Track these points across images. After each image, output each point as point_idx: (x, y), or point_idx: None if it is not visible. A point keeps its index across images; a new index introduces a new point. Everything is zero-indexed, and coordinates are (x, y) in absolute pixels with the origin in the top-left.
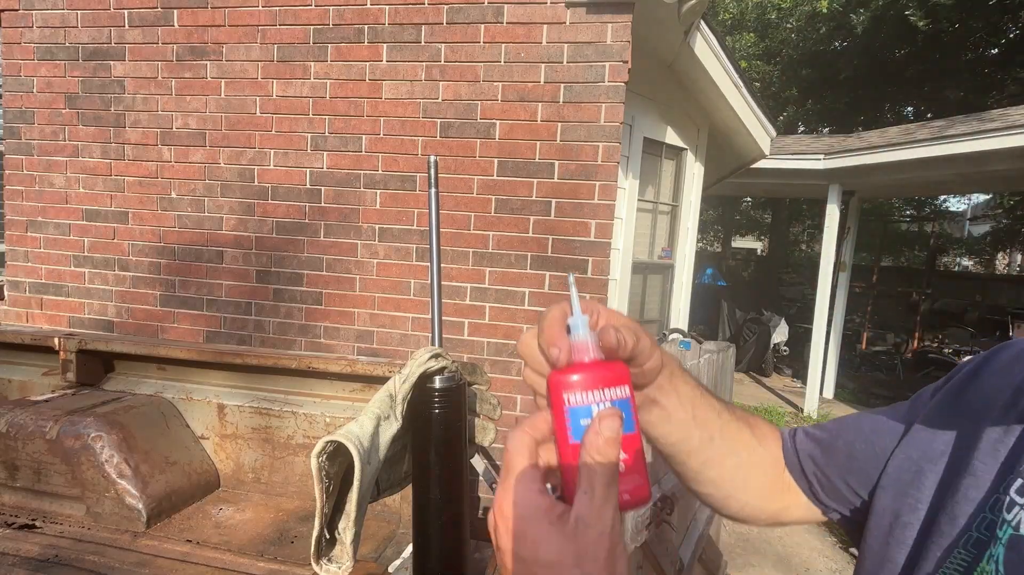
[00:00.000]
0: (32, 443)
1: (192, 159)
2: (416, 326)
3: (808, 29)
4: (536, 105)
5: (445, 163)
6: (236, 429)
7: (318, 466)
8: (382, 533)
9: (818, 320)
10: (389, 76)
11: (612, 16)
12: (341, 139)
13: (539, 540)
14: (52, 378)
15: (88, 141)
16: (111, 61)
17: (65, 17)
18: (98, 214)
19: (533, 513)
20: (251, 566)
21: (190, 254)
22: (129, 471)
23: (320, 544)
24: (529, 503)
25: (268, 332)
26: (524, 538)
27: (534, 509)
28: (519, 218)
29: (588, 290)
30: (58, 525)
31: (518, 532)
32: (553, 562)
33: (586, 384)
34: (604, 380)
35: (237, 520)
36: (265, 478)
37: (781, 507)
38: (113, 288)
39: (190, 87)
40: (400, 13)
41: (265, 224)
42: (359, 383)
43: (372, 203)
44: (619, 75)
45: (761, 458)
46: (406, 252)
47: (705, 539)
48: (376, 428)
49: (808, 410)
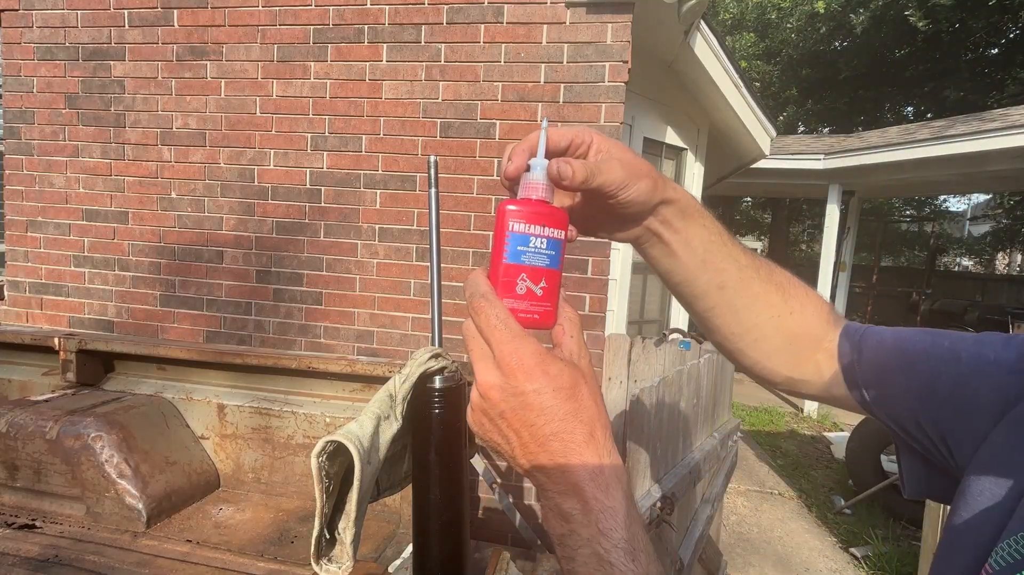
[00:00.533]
0: (32, 443)
1: (192, 159)
2: (416, 326)
3: (808, 29)
4: (536, 105)
5: (445, 163)
6: (236, 429)
7: (318, 466)
8: (382, 533)
9: None
10: (389, 76)
11: (612, 16)
12: (341, 139)
13: (558, 370)
14: (52, 378)
15: (88, 141)
16: (111, 61)
17: (65, 17)
18: (98, 214)
19: (545, 352)
20: (251, 566)
21: (190, 254)
22: (129, 471)
23: (320, 544)
24: (538, 347)
25: (268, 332)
26: (545, 371)
27: (543, 350)
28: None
29: (588, 290)
30: (58, 525)
31: (536, 369)
32: (571, 383)
33: (527, 218)
34: (544, 219)
35: (237, 520)
36: (265, 478)
37: (801, 380)
38: (113, 288)
39: (190, 87)
40: (400, 13)
41: (265, 224)
42: (359, 383)
43: (372, 203)
44: (619, 75)
45: (787, 325)
46: (406, 252)
47: (705, 539)
48: (376, 428)
49: (808, 410)
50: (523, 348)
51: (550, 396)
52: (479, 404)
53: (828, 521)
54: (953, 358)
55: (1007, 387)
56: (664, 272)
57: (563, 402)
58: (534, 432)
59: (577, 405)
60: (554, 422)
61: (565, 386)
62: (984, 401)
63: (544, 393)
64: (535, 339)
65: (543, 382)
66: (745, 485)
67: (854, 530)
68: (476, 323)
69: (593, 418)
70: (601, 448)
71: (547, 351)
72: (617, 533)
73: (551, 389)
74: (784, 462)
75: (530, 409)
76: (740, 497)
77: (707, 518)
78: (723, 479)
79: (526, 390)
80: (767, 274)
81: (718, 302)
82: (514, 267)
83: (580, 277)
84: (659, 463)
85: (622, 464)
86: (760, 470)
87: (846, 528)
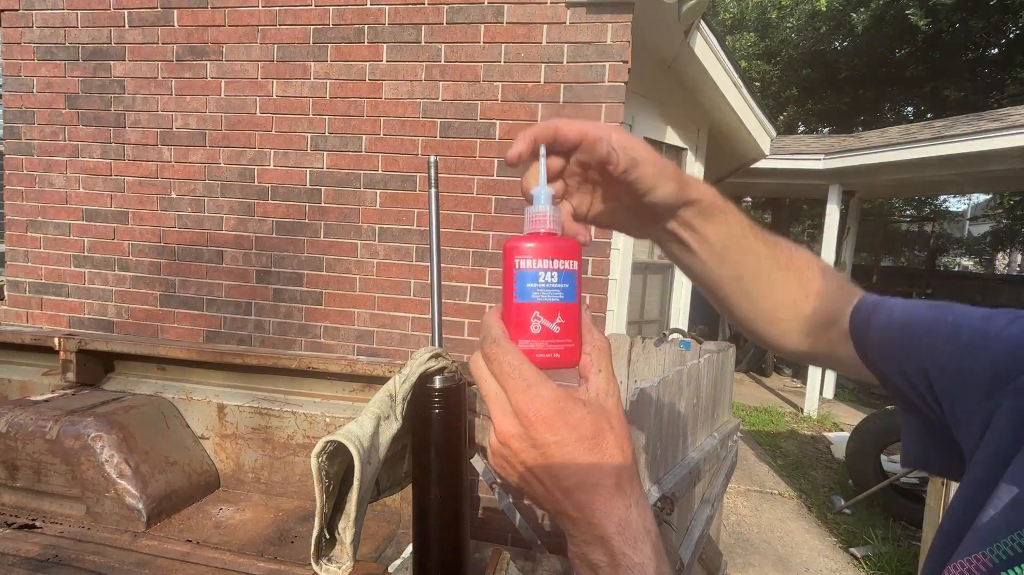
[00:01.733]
0: (32, 443)
1: (192, 159)
2: (416, 326)
3: (808, 28)
4: (536, 105)
5: (445, 163)
6: (236, 429)
7: (318, 466)
8: (382, 533)
9: None
10: (389, 76)
11: (612, 16)
12: (341, 139)
13: (580, 418)
14: (52, 378)
15: (88, 141)
16: (111, 61)
17: (65, 17)
18: (98, 214)
19: (565, 398)
20: (251, 566)
21: (190, 254)
22: (129, 471)
23: (320, 544)
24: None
25: (268, 332)
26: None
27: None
28: (519, 218)
29: (588, 290)
30: (58, 525)
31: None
32: (594, 432)
33: (534, 253)
34: (552, 251)
35: (237, 520)
36: (265, 478)
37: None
38: (113, 288)
39: (190, 87)
40: (400, 13)
41: (265, 224)
42: (359, 383)
43: (372, 203)
44: (619, 75)
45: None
46: (406, 252)
47: (705, 539)
48: (376, 428)
49: (808, 410)
50: (540, 397)
51: (572, 447)
52: (499, 451)
53: (828, 521)
54: (954, 332)
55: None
56: (683, 266)
57: (586, 453)
58: (558, 483)
59: (601, 455)
60: (578, 474)
61: (588, 435)
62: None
63: (566, 445)
64: (552, 384)
65: (564, 433)
66: (745, 485)
67: (854, 530)
68: (490, 370)
69: (619, 468)
70: (628, 498)
71: (568, 395)
72: None
73: (574, 440)
74: (784, 462)
75: (552, 460)
76: (740, 497)
77: (707, 518)
78: (723, 479)
79: (547, 442)
80: (786, 260)
81: (735, 290)
82: (526, 306)
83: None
84: (659, 463)
85: (651, 515)
86: (760, 470)
87: (846, 528)
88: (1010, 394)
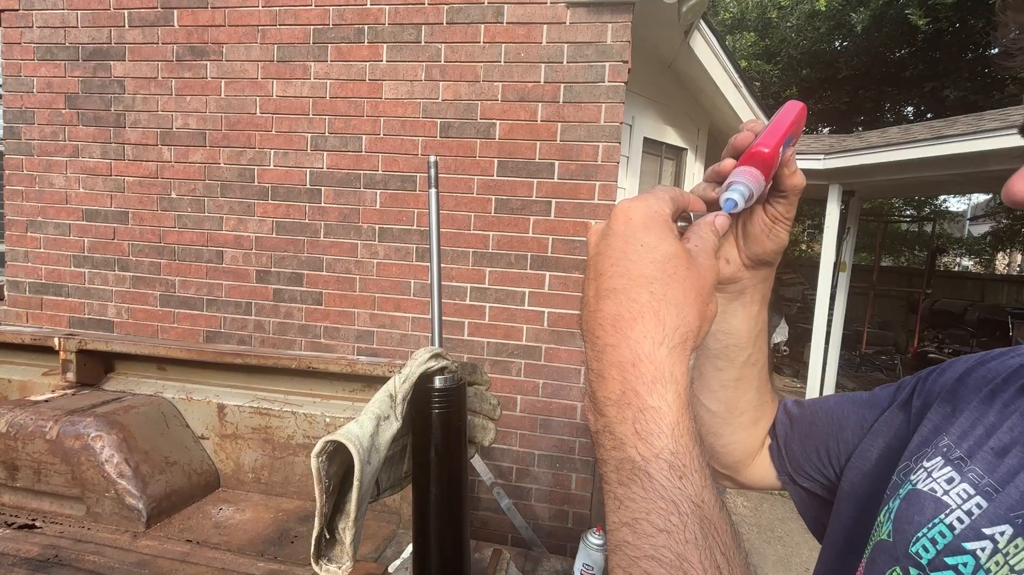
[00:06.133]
0: (32, 443)
1: (192, 159)
2: (416, 326)
3: (808, 28)
4: (536, 105)
5: (445, 163)
6: (236, 429)
7: (318, 466)
8: (382, 533)
9: (818, 320)
10: (389, 76)
11: (612, 16)
12: (341, 139)
13: (660, 236)
14: (52, 378)
15: (88, 141)
16: (111, 61)
17: (65, 17)
18: (98, 214)
19: (663, 216)
20: (251, 566)
21: (190, 254)
22: (129, 471)
23: (320, 544)
24: (659, 208)
25: (268, 332)
26: (646, 227)
27: (663, 215)
28: (519, 218)
29: None
30: (58, 525)
31: (645, 228)
32: (664, 256)
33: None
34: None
35: (237, 520)
36: (265, 478)
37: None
38: (113, 288)
39: (190, 87)
40: (400, 13)
41: (265, 224)
42: (359, 383)
43: (372, 203)
44: (619, 75)
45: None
46: (406, 252)
47: None
48: (376, 428)
49: None
50: (645, 201)
51: (634, 248)
52: (600, 227)
53: None
54: (836, 405)
55: (874, 402)
56: (724, 330)
57: (642, 263)
58: (600, 284)
59: (658, 275)
60: (620, 278)
61: (655, 250)
62: (851, 420)
63: (630, 240)
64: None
65: (639, 232)
66: None
67: None
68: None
69: (670, 301)
70: (662, 336)
71: (669, 221)
72: (660, 440)
73: (639, 244)
74: None
75: (606, 253)
76: (740, 497)
77: None
78: None
79: (614, 231)
80: (765, 379)
81: (746, 374)
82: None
83: (580, 277)
84: None
85: (687, 372)
86: None
87: None
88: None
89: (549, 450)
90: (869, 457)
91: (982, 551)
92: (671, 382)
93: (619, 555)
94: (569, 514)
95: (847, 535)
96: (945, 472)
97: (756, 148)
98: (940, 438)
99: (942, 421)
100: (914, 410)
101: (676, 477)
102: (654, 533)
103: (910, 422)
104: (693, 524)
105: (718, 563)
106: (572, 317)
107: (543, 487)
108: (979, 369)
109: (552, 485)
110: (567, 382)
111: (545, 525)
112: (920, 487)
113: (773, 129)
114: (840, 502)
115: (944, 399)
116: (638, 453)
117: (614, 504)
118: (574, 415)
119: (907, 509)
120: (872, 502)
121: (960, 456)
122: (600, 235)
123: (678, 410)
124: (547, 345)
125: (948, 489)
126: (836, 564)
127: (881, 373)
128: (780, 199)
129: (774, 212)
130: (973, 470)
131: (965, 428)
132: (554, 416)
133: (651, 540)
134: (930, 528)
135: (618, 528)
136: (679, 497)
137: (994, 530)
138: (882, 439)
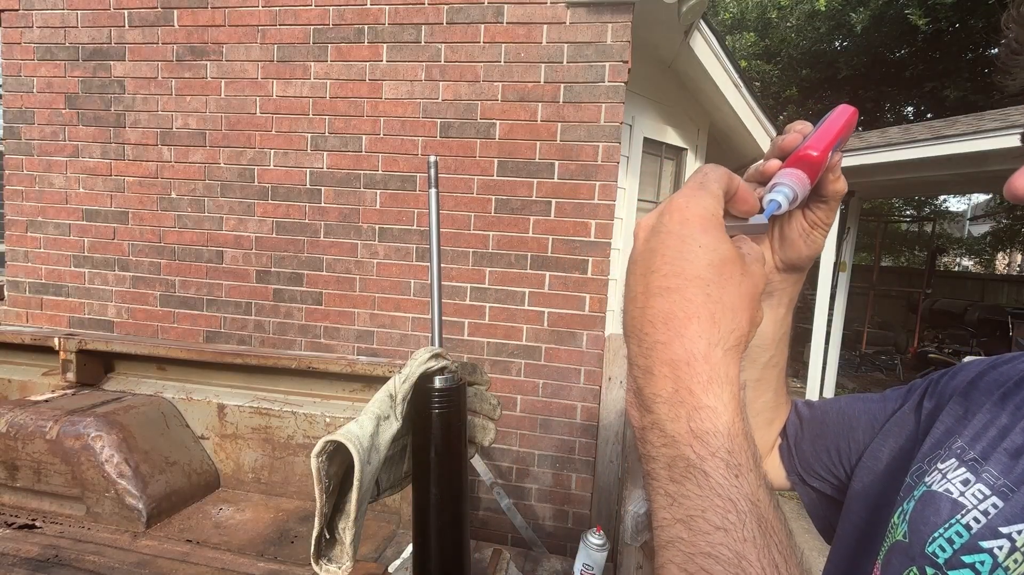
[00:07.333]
0: (32, 443)
1: (192, 159)
2: (416, 326)
3: (808, 28)
4: (536, 105)
5: (445, 163)
6: (236, 429)
7: (318, 466)
8: (382, 533)
9: (818, 320)
10: (389, 76)
11: (612, 16)
12: (341, 139)
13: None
14: (52, 378)
15: (88, 141)
16: (111, 61)
17: (65, 17)
18: (98, 214)
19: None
20: (251, 566)
21: (190, 254)
22: (129, 471)
23: (320, 544)
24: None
25: (268, 332)
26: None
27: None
28: (519, 218)
29: (588, 290)
30: (58, 525)
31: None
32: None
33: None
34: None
35: (237, 520)
36: (265, 478)
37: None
38: (113, 288)
39: (190, 87)
40: (400, 13)
41: (265, 224)
42: (359, 383)
43: (372, 203)
44: (619, 75)
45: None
46: (406, 252)
47: None
48: (376, 428)
49: None
50: (701, 200)
51: (691, 249)
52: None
53: None
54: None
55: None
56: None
57: (699, 264)
58: (651, 281)
59: (714, 277)
60: (676, 277)
61: (713, 252)
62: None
63: (687, 240)
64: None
65: (696, 233)
66: None
67: None
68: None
69: (725, 305)
70: (717, 337)
71: (723, 222)
72: (716, 439)
73: (697, 245)
74: None
75: (660, 250)
76: None
77: None
78: None
79: (668, 230)
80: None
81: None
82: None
83: (580, 277)
84: None
85: (738, 376)
86: None
87: None
88: None
89: (549, 450)
90: (880, 458)
91: (999, 550)
92: (726, 382)
93: (672, 551)
94: (569, 514)
95: (858, 536)
96: (960, 473)
97: (805, 151)
98: (953, 440)
99: (955, 423)
100: (925, 412)
101: (732, 475)
102: (711, 530)
103: (921, 424)
104: (751, 522)
105: (776, 562)
106: (572, 317)
107: (543, 487)
108: (991, 372)
109: (552, 485)
110: (567, 382)
111: (545, 525)
112: (935, 488)
113: (823, 133)
114: (851, 502)
115: (956, 402)
116: (693, 451)
117: (665, 501)
118: (574, 415)
119: (923, 510)
120: (884, 503)
121: (974, 458)
122: (651, 231)
123: (733, 410)
124: (547, 345)
125: (964, 490)
126: (847, 565)
127: (881, 373)
128: (821, 204)
129: (814, 218)
130: (988, 471)
131: (978, 430)
132: (554, 416)
133: (707, 537)
134: (947, 528)
135: (671, 524)
136: (736, 495)
137: (1011, 529)
138: (893, 440)
